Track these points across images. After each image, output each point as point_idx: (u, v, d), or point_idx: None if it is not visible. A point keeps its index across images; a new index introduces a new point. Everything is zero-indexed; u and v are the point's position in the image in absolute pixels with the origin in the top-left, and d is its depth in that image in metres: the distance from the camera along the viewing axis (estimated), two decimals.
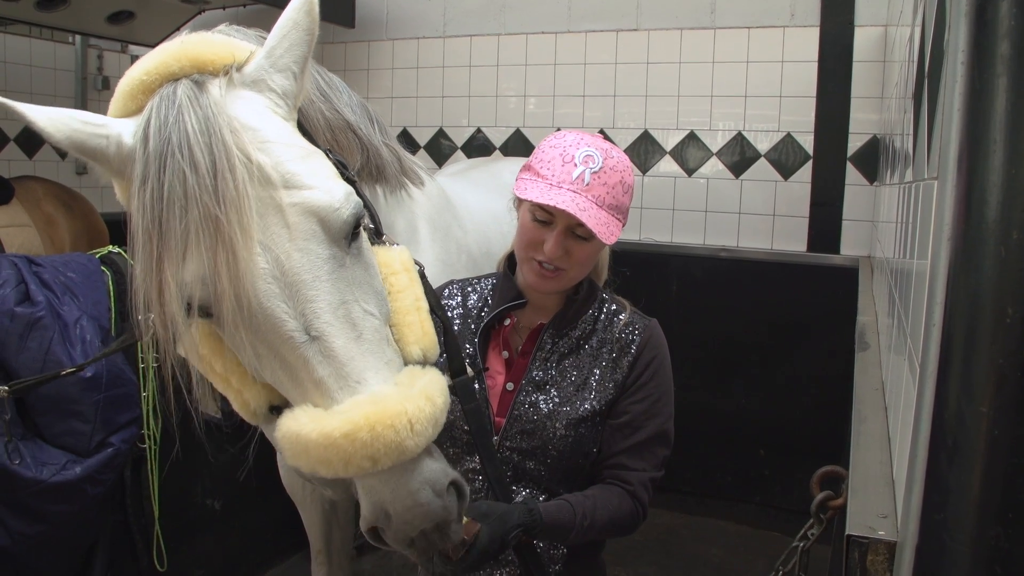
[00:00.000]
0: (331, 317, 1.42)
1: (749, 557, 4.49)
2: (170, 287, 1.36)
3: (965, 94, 1.04)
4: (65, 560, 3.05)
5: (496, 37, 5.44)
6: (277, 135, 1.48)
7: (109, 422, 2.96)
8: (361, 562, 4.36)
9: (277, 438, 1.43)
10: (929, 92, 1.57)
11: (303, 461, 1.40)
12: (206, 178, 1.35)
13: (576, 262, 1.87)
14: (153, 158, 1.39)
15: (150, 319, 1.76)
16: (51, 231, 4.54)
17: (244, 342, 1.41)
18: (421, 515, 1.43)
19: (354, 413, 1.37)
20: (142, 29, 5.24)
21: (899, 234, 2.25)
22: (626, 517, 1.88)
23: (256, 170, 1.40)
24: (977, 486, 0.97)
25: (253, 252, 1.37)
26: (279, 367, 1.44)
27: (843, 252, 4.72)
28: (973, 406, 0.97)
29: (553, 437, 1.88)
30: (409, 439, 1.38)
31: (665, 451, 1.97)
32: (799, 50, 4.74)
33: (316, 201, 1.43)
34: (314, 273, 1.41)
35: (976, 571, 0.98)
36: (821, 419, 4.63)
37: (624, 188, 1.87)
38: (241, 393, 1.58)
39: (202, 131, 1.39)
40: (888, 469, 1.58)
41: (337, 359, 1.41)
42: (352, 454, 1.35)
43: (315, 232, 1.43)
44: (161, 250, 1.37)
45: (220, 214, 1.34)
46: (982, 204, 0.99)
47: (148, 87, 1.49)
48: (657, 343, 1.99)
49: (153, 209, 1.38)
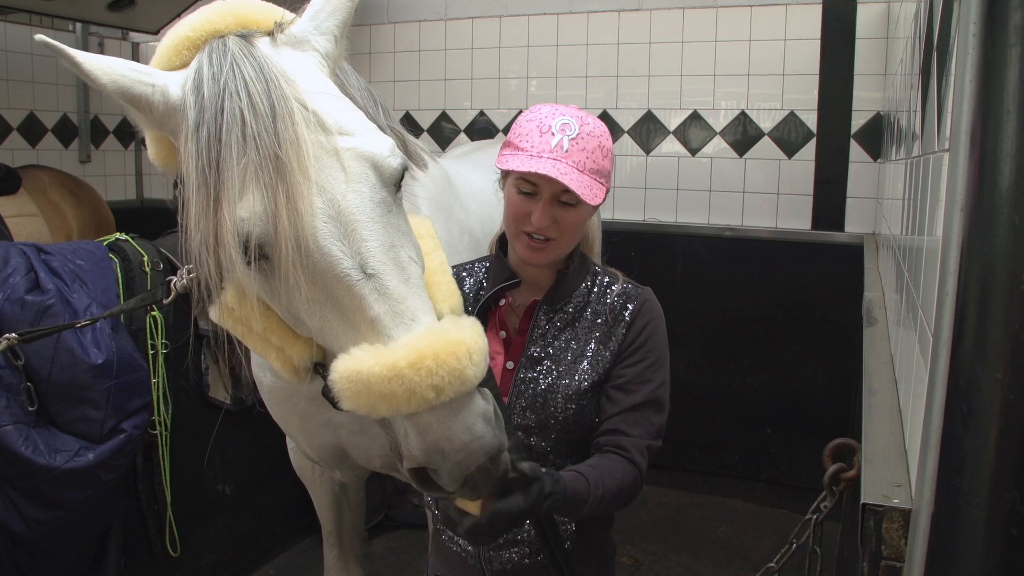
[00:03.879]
0: (384, 257, 1.46)
1: (757, 534, 4.52)
2: (227, 225, 1.40)
3: (977, 65, 1.05)
4: (79, 546, 3.08)
5: (498, 19, 5.43)
6: (326, 88, 1.57)
7: (121, 408, 2.98)
8: (372, 544, 4.39)
9: (334, 380, 1.42)
10: (938, 66, 1.57)
11: (363, 400, 1.40)
12: (266, 119, 1.42)
13: (565, 230, 1.88)
14: (209, 102, 1.44)
15: (186, 277, 1.84)
16: (58, 219, 4.56)
17: (299, 283, 1.43)
18: (479, 448, 1.44)
19: (418, 343, 1.39)
20: (143, 16, 5.24)
21: (906, 209, 2.25)
22: (630, 485, 1.87)
23: (312, 116, 1.47)
24: (993, 450, 0.98)
25: (312, 191, 1.41)
26: (331, 310, 1.46)
27: (847, 230, 4.72)
28: (988, 372, 0.98)
29: (556, 411, 1.89)
30: (469, 368, 1.41)
31: (660, 419, 1.96)
32: (802, 28, 4.72)
33: (370, 147, 1.51)
34: (368, 215, 1.47)
35: (992, 534, 0.99)
36: (828, 396, 4.65)
37: (603, 152, 1.87)
38: (283, 350, 1.60)
39: (258, 78, 1.46)
40: (900, 440, 1.59)
41: (392, 297, 1.44)
42: (417, 384, 1.36)
43: (368, 176, 1.49)
44: (218, 190, 1.41)
45: (280, 153, 1.40)
46: (995, 173, 1.00)
47: (194, 43, 1.56)
48: (651, 309, 1.99)
49: (210, 150, 1.42)
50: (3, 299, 2.85)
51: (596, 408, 1.93)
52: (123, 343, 3.05)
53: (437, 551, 2.13)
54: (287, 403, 2.51)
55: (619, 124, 5.21)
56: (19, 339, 2.35)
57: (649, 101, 5.13)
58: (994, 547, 1.00)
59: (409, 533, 4.50)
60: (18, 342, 2.34)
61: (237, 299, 1.57)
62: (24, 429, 2.78)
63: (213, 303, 1.63)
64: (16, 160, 5.20)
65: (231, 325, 1.63)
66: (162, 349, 3.31)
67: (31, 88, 5.71)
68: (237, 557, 4.00)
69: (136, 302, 2.76)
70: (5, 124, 5.58)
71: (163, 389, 3.33)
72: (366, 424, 2.44)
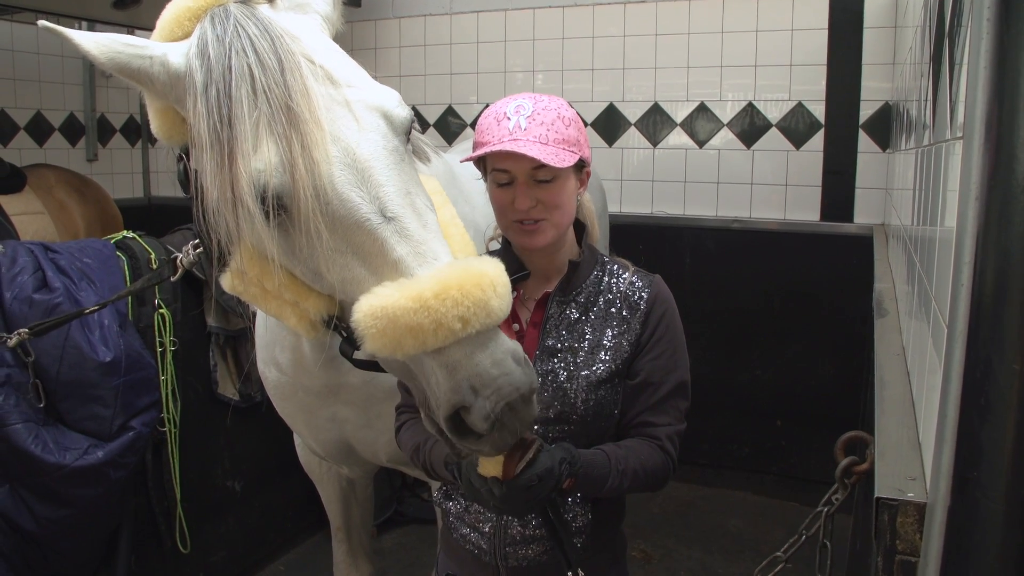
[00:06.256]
0: (403, 201, 1.49)
1: (768, 527, 4.51)
2: (243, 178, 1.41)
3: (992, 51, 1.03)
4: (90, 543, 3.09)
5: (503, 12, 5.41)
6: (330, 45, 1.63)
7: (129, 406, 2.98)
8: (382, 539, 4.39)
9: (357, 320, 1.42)
10: (950, 53, 1.55)
11: (389, 337, 1.40)
12: (275, 73, 1.45)
13: (551, 207, 1.86)
14: (216, 62, 1.47)
15: (192, 253, 1.90)
16: (64, 218, 4.57)
17: (319, 232, 1.44)
18: (509, 383, 1.43)
19: (442, 274, 1.41)
20: (148, 14, 5.20)
21: (917, 199, 2.23)
22: (658, 468, 1.88)
23: (320, 70, 1.51)
24: (1011, 443, 0.97)
25: (326, 140, 1.44)
26: (352, 258, 1.48)
27: (857, 221, 4.69)
28: (1005, 363, 0.97)
29: (575, 402, 1.88)
30: (494, 299, 1.42)
31: (685, 403, 1.98)
32: (809, 17, 4.68)
33: (379, 97, 1.56)
34: (384, 161, 1.50)
35: (1010, 528, 0.98)
36: (837, 388, 4.63)
37: (564, 122, 1.85)
38: (297, 304, 1.61)
39: (263, 36, 1.49)
40: (914, 432, 1.58)
41: (413, 238, 1.46)
42: (444, 314, 1.37)
43: (380, 125, 1.54)
44: (232, 145, 1.43)
45: (292, 104, 1.43)
46: (1012, 161, 0.98)
47: (195, 13, 1.59)
48: (665, 297, 2.00)
49: (220, 107, 1.45)
50: (11, 298, 2.85)
51: (614, 398, 1.93)
52: (131, 341, 3.05)
53: (447, 550, 2.12)
54: (292, 399, 2.51)
55: (626, 117, 5.18)
56: (30, 334, 2.35)
57: (656, 93, 5.11)
58: (1012, 542, 0.99)
59: (419, 528, 4.50)
60: (29, 336, 2.35)
61: (249, 261, 1.59)
62: (33, 427, 2.79)
63: (224, 271, 1.65)
64: (24, 159, 5.21)
65: (243, 290, 1.65)
66: (170, 346, 3.31)
67: (38, 87, 5.72)
68: (247, 553, 4.00)
69: (143, 282, 2.78)
70: (12, 123, 5.58)
71: (172, 386, 3.33)
72: (371, 418, 2.44)
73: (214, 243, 1.57)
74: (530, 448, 1.63)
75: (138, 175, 6.49)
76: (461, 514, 2.02)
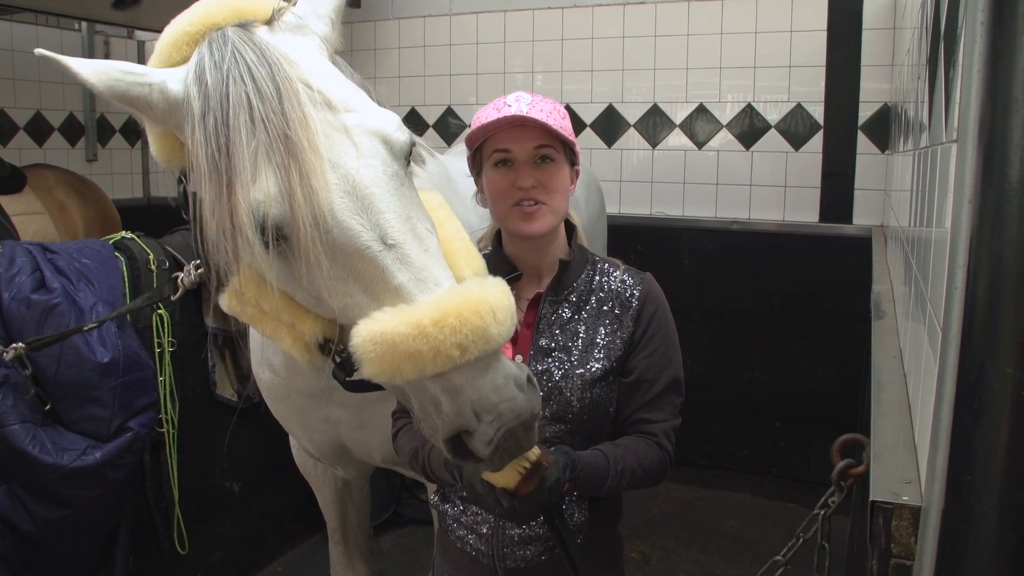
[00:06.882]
0: (403, 227, 1.48)
1: (767, 528, 4.50)
2: (242, 209, 1.40)
3: (985, 54, 1.03)
4: (88, 544, 3.09)
5: (502, 13, 5.41)
6: (328, 68, 1.61)
7: (127, 407, 2.98)
8: (380, 540, 4.39)
9: (356, 345, 1.42)
10: (945, 55, 1.55)
11: (388, 362, 1.39)
12: (272, 101, 1.43)
13: (551, 189, 1.89)
14: (213, 90, 1.46)
15: (194, 272, 1.80)
16: (64, 218, 4.56)
17: (319, 261, 1.43)
18: (510, 410, 1.43)
19: (441, 301, 1.40)
20: (148, 15, 5.22)
21: (914, 201, 2.23)
22: (655, 464, 1.90)
23: (318, 95, 1.50)
24: (1004, 447, 0.97)
25: (324, 168, 1.43)
26: (354, 285, 1.47)
27: (855, 222, 4.69)
28: (999, 368, 0.96)
29: (570, 401, 1.89)
30: (493, 326, 1.41)
31: (680, 398, 2.00)
32: (808, 19, 4.68)
33: (378, 122, 1.54)
34: (383, 187, 1.49)
35: (1004, 531, 0.98)
36: (836, 390, 4.63)
37: (561, 114, 1.91)
38: (294, 327, 1.61)
39: (261, 63, 1.48)
40: (910, 435, 1.57)
41: (414, 265, 1.45)
42: (442, 342, 1.36)
43: (379, 151, 1.52)
44: (231, 175, 1.42)
45: (290, 133, 1.41)
46: (1005, 164, 0.98)
47: (193, 37, 1.57)
48: (656, 295, 2.01)
49: (219, 136, 1.43)
50: (9, 298, 2.85)
51: (610, 396, 1.94)
52: (129, 341, 3.05)
53: (444, 552, 2.12)
54: (286, 400, 2.51)
55: (625, 118, 5.18)
56: (27, 348, 2.35)
57: (655, 95, 5.11)
58: (1005, 545, 0.99)
59: (417, 529, 4.50)
60: (25, 351, 2.35)
61: (247, 283, 1.58)
62: (31, 428, 2.79)
63: (223, 292, 1.64)
64: (23, 159, 5.21)
65: (240, 310, 1.65)
66: (168, 347, 3.31)
67: (37, 87, 5.72)
68: (245, 554, 4.00)
69: (143, 300, 2.77)
70: (12, 123, 5.59)
71: (170, 387, 3.33)
72: (365, 420, 2.44)
73: (213, 271, 1.57)
74: (544, 468, 1.64)
75: (137, 175, 6.50)
76: (458, 516, 2.02)
